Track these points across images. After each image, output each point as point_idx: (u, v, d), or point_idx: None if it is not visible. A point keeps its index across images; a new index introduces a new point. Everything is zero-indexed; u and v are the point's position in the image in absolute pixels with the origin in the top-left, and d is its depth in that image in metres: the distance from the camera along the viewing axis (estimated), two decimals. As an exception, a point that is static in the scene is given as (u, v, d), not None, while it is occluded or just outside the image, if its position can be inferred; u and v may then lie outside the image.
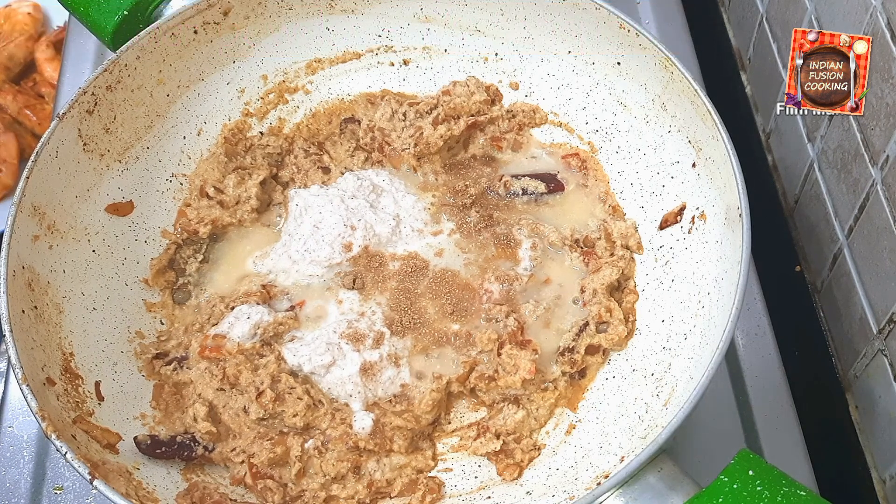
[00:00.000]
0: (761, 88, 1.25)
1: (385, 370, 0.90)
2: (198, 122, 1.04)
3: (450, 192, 1.03)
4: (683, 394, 0.78)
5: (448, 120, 1.03)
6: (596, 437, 0.86)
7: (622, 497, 0.72)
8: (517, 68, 1.07)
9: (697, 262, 0.89)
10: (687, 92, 0.90)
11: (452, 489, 0.87)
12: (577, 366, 0.90)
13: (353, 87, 1.10)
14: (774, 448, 0.97)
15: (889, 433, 0.94)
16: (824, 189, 1.04)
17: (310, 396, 0.89)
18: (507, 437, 0.89)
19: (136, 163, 0.99)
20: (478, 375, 0.91)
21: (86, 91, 0.93)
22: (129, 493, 0.76)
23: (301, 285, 0.97)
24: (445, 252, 0.98)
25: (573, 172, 1.03)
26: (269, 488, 0.86)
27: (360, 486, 0.86)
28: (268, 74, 1.08)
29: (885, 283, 0.91)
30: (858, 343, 0.98)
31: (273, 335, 0.93)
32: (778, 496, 0.67)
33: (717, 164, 0.86)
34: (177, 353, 0.93)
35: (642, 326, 0.92)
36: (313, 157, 1.06)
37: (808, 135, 1.08)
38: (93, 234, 0.94)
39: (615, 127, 1.02)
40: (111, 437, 0.83)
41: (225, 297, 0.97)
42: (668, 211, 0.95)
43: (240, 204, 1.01)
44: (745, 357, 1.04)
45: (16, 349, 0.78)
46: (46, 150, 0.89)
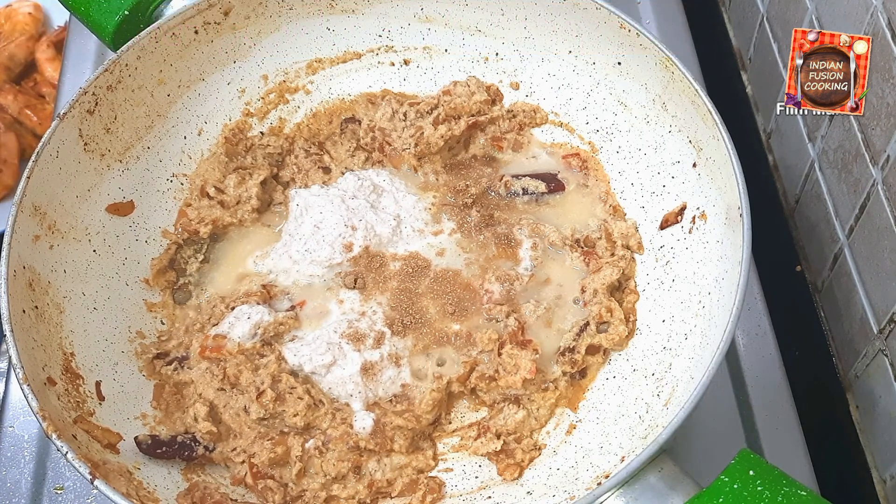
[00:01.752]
0: (762, 88, 1.25)
1: (386, 370, 0.90)
2: (198, 122, 1.04)
3: (450, 192, 1.03)
4: (684, 394, 0.78)
5: (448, 120, 1.03)
6: (596, 437, 0.86)
7: (622, 497, 0.72)
8: (518, 68, 1.07)
9: (698, 262, 0.89)
10: (687, 92, 0.90)
11: (453, 489, 0.87)
12: (577, 366, 0.90)
13: (353, 87, 1.10)
14: (775, 448, 0.97)
15: (889, 433, 0.94)
16: (825, 189, 1.04)
17: (310, 396, 0.89)
18: (508, 437, 0.89)
19: (136, 163, 0.99)
20: (478, 375, 0.91)
21: (86, 91, 0.93)
22: (129, 493, 0.76)
23: (302, 285, 0.97)
24: (447, 252, 0.98)
25: (574, 172, 1.04)
26: (269, 488, 0.86)
27: (360, 486, 0.86)
28: (268, 74, 1.08)
29: (885, 283, 0.91)
30: (859, 343, 0.98)
31: (273, 335, 0.93)
32: (778, 496, 0.67)
33: (718, 164, 0.86)
34: (177, 353, 0.93)
35: (643, 326, 0.92)
36: (314, 157, 1.06)
37: (808, 135, 1.08)
38: (93, 234, 0.94)
39: (616, 127, 1.02)
40: (112, 437, 0.83)
41: (225, 297, 0.97)
42: (668, 211, 0.95)
43: (240, 204, 1.01)
44: (745, 357, 1.04)
45: (16, 349, 0.78)
46: (47, 150, 0.89)
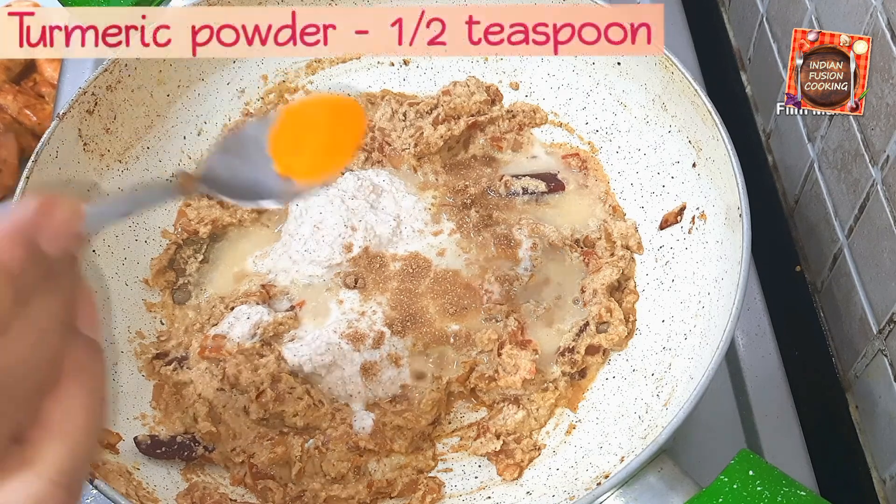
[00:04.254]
0: (761, 88, 1.25)
1: (386, 370, 0.90)
2: (198, 122, 1.04)
3: (450, 192, 1.03)
4: (683, 394, 0.78)
5: (448, 120, 1.03)
6: (596, 437, 0.86)
7: (622, 497, 0.72)
8: (517, 68, 1.07)
9: (698, 262, 0.89)
10: (687, 92, 0.90)
11: (452, 489, 0.87)
12: (577, 366, 0.90)
13: (353, 87, 1.10)
14: (774, 448, 0.97)
15: (889, 433, 0.94)
16: (824, 189, 1.04)
17: (310, 396, 0.89)
18: (508, 437, 0.89)
19: (136, 163, 0.99)
20: (478, 375, 0.91)
21: (86, 91, 0.93)
22: (129, 493, 0.76)
23: (301, 285, 0.97)
24: (447, 252, 0.98)
25: (573, 172, 1.04)
26: (269, 488, 0.85)
27: (360, 486, 0.86)
28: (268, 74, 1.08)
29: (885, 283, 0.91)
30: (858, 343, 0.98)
31: (273, 335, 0.93)
32: (778, 496, 0.67)
33: (718, 164, 0.86)
34: (177, 353, 0.93)
35: (642, 326, 0.92)
36: (313, 157, 1.06)
37: (808, 135, 1.08)
38: (92, 234, 0.94)
39: (615, 127, 1.02)
40: (111, 437, 0.83)
41: (225, 297, 0.97)
42: (668, 211, 0.95)
43: (240, 204, 1.01)
44: (745, 357, 1.03)
45: (16, 349, 0.78)
46: (46, 151, 0.89)
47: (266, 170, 0.66)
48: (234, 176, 0.65)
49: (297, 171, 0.67)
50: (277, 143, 0.68)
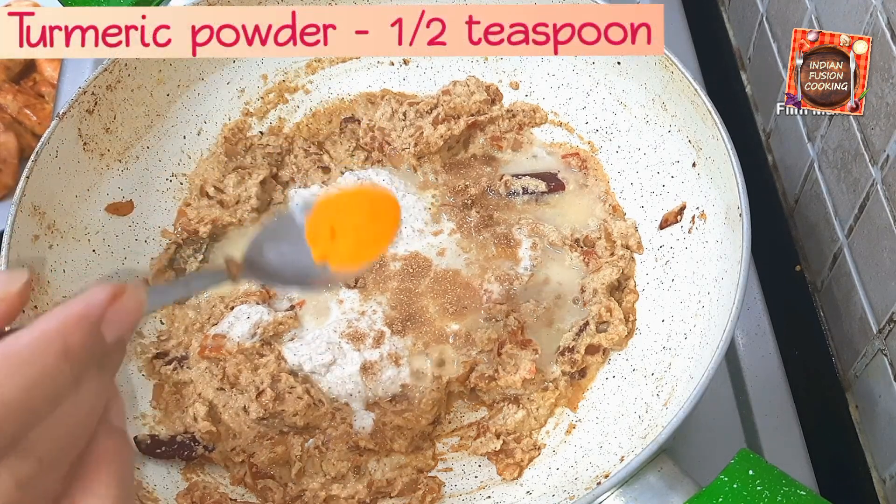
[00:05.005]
0: (761, 88, 1.25)
1: (385, 370, 0.90)
2: (198, 121, 1.04)
3: (450, 191, 1.03)
4: (683, 393, 0.78)
5: (448, 119, 1.03)
6: (596, 436, 0.86)
7: (622, 497, 0.72)
8: (517, 68, 1.07)
9: (697, 261, 0.89)
10: (687, 91, 0.90)
11: (452, 489, 0.87)
12: (577, 365, 0.90)
13: (353, 87, 1.10)
14: (774, 448, 0.97)
15: (889, 433, 0.94)
16: (824, 189, 1.04)
17: (310, 396, 0.89)
18: (508, 436, 0.89)
19: (136, 162, 0.99)
20: (478, 375, 0.91)
21: (86, 91, 0.93)
22: (129, 492, 0.76)
23: (301, 285, 0.97)
24: (447, 251, 0.98)
25: (573, 172, 1.04)
26: (269, 488, 0.86)
27: (360, 485, 0.86)
28: (268, 74, 1.08)
29: (885, 283, 0.91)
30: (858, 343, 0.98)
31: (273, 335, 0.93)
32: (778, 496, 0.67)
33: (718, 163, 0.86)
34: (177, 352, 0.93)
35: (642, 326, 0.92)
36: (313, 156, 1.06)
37: (808, 134, 1.08)
38: (93, 234, 0.94)
39: (615, 126, 1.02)
40: (111, 437, 0.83)
41: (225, 296, 0.97)
42: (668, 210, 0.95)
43: (240, 203, 1.01)
44: (745, 357, 1.04)
45: (16, 349, 0.78)
46: (46, 150, 0.88)
47: (304, 255, 0.70)
48: (273, 261, 0.70)
49: (332, 259, 0.70)
50: (314, 231, 0.71)
